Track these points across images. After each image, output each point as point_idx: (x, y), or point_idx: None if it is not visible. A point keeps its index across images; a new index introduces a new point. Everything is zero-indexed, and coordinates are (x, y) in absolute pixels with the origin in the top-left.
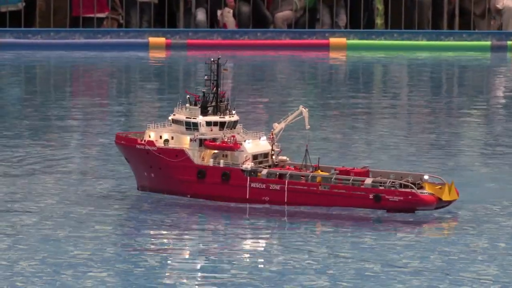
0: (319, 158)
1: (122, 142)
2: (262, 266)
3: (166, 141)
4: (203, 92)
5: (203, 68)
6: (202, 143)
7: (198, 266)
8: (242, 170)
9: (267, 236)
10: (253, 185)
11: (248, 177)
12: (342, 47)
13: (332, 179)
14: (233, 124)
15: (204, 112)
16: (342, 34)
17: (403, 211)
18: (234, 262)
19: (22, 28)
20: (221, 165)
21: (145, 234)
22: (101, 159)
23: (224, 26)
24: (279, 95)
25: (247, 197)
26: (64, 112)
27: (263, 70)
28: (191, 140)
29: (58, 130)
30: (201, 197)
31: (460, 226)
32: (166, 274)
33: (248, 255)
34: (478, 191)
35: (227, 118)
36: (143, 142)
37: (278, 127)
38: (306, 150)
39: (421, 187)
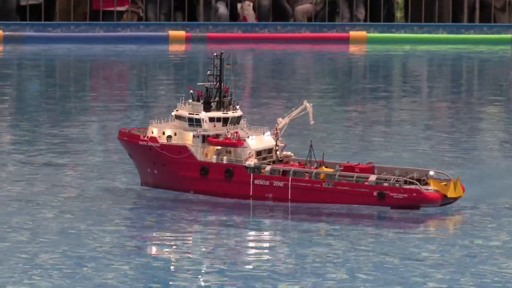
0: (323, 154)
1: (125, 138)
2: (282, 259)
3: (169, 137)
4: (206, 87)
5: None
6: (205, 139)
7: (218, 260)
8: (246, 167)
9: (287, 230)
10: (256, 182)
11: (252, 174)
12: (362, 41)
13: (336, 176)
14: (236, 120)
15: (207, 108)
16: (362, 27)
17: (408, 208)
18: (254, 256)
19: (43, 22)
20: (224, 161)
21: (165, 228)
22: (121, 153)
23: (244, 19)
24: (299, 89)
25: (251, 194)
26: (84, 105)
27: (283, 64)
28: (194, 136)
29: (78, 123)
30: (204, 193)
31: (480, 220)
32: (186, 267)
33: (268, 249)
34: (498, 184)
35: (230, 114)
36: (145, 138)
37: (282, 122)
38: (311, 145)
39: (426, 184)
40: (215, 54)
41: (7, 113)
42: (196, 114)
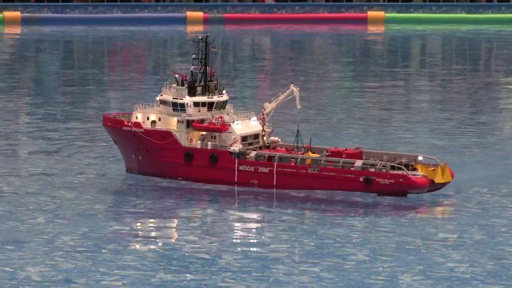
0: (310, 138)
1: (109, 123)
2: (302, 240)
3: (153, 122)
4: (191, 71)
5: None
6: (189, 124)
7: (238, 240)
8: (230, 152)
9: (307, 210)
10: (241, 167)
11: (237, 160)
12: (380, 21)
13: (322, 161)
14: (222, 104)
15: (192, 93)
16: (380, 7)
17: (395, 195)
18: (274, 237)
19: (60, 3)
20: (209, 147)
21: (188, 209)
22: None
23: (262, 0)
24: (317, 69)
25: (235, 180)
26: (102, 87)
27: (301, 44)
28: (178, 121)
29: (96, 104)
30: (188, 179)
31: (499, 200)
32: (206, 248)
33: (288, 229)
34: None
35: (215, 98)
36: (129, 123)
37: (269, 106)
38: (297, 130)
39: (414, 169)
40: (200, 37)
41: (26, 94)
42: (180, 99)
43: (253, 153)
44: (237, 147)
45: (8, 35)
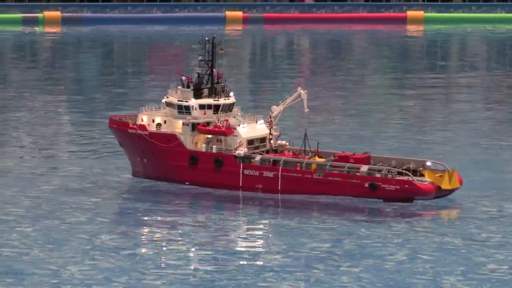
0: (318, 143)
1: (114, 126)
2: (343, 240)
3: (159, 125)
4: (198, 73)
5: (280, 42)
6: (195, 127)
7: (276, 240)
8: (235, 156)
9: (345, 211)
10: (246, 172)
11: (241, 164)
12: (419, 20)
13: (327, 166)
14: (228, 107)
15: (198, 95)
16: (420, 7)
17: (401, 201)
18: (315, 237)
19: (100, 3)
20: (214, 150)
21: (221, 210)
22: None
23: (301, 0)
24: (356, 70)
25: (240, 184)
26: (141, 86)
27: (340, 44)
28: (183, 124)
29: (135, 104)
30: (193, 184)
31: None
32: (245, 248)
33: (329, 230)
34: None
35: (221, 101)
36: (135, 126)
37: (276, 109)
38: (305, 134)
39: (421, 175)
40: (206, 38)
41: (66, 93)
42: (185, 101)
43: (258, 157)
44: (242, 151)
45: (49, 35)
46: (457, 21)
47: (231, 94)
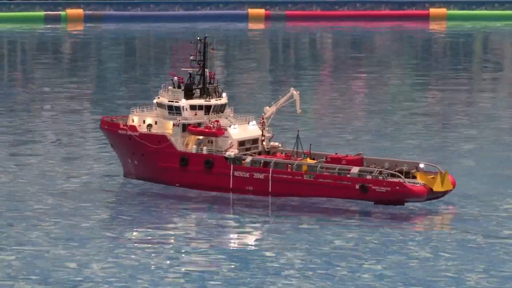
0: (310, 144)
1: (105, 126)
2: (366, 238)
3: (150, 126)
4: (189, 73)
5: (303, 39)
6: (185, 128)
7: (300, 238)
8: (226, 158)
9: (371, 208)
10: (236, 173)
11: (232, 165)
12: (442, 18)
13: (318, 168)
14: (220, 108)
15: (189, 95)
16: (442, 4)
17: (392, 203)
18: (339, 235)
19: (122, 0)
20: (204, 152)
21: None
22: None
23: None
24: (378, 68)
25: (231, 186)
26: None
27: (362, 42)
28: (174, 125)
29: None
30: (183, 185)
31: None
32: (269, 246)
33: (351, 227)
34: None
35: (213, 101)
36: (125, 127)
37: (269, 110)
38: (297, 135)
39: (413, 177)
40: (198, 38)
41: (88, 91)
42: (176, 102)
43: (248, 159)
44: (232, 152)
45: (71, 33)
46: (480, 18)
47: (224, 94)
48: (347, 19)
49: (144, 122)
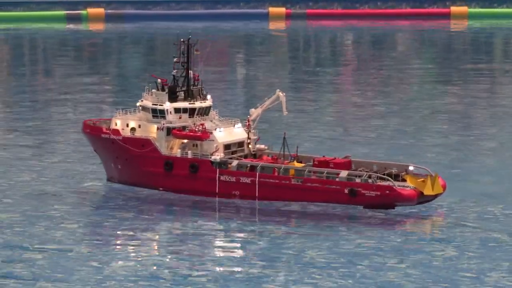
0: (297, 147)
1: (87, 130)
2: (388, 236)
3: (133, 129)
4: (173, 75)
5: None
6: (170, 131)
7: (322, 237)
8: (211, 162)
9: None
10: (222, 178)
11: (218, 169)
12: (463, 16)
13: (305, 172)
14: (205, 111)
15: (173, 98)
16: (464, 2)
17: (382, 207)
18: (361, 232)
19: (143, 0)
20: (189, 156)
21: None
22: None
23: None
24: (398, 65)
25: (217, 191)
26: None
27: (383, 40)
28: (158, 128)
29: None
30: (168, 190)
31: None
32: (291, 244)
33: (373, 225)
34: None
35: (197, 104)
36: (108, 131)
37: (254, 112)
38: (284, 138)
39: (403, 180)
40: (182, 39)
41: (109, 90)
42: (160, 105)
43: (235, 163)
44: (218, 156)
45: (92, 32)
46: (501, 16)
47: (208, 97)
48: (367, 17)
49: (127, 125)
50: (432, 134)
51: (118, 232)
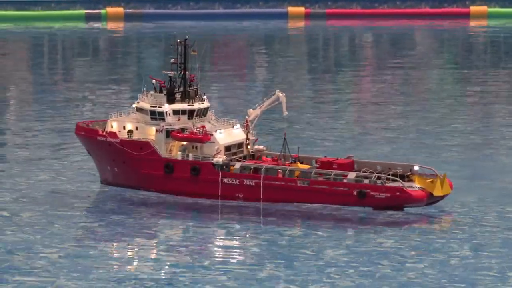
0: (298, 148)
1: (82, 133)
2: (407, 235)
3: (130, 132)
4: (170, 77)
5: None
6: (169, 134)
7: (341, 236)
8: (213, 164)
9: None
10: (225, 180)
11: (220, 172)
12: (483, 16)
13: (312, 174)
14: (203, 112)
15: (171, 100)
16: (483, 2)
17: (391, 209)
18: (380, 232)
19: None
20: (190, 158)
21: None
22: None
23: None
24: (418, 65)
25: (219, 193)
26: (204, 82)
27: (402, 40)
28: (157, 131)
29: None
30: (169, 193)
31: None
32: (309, 243)
33: (392, 225)
34: None
35: (196, 106)
36: (104, 133)
37: (253, 113)
38: (284, 138)
39: (410, 180)
40: (178, 40)
41: (129, 88)
42: (159, 107)
43: (237, 165)
44: (220, 159)
45: (111, 31)
46: None
47: (205, 97)
48: (387, 17)
49: (124, 128)
50: (452, 133)
51: (137, 233)
